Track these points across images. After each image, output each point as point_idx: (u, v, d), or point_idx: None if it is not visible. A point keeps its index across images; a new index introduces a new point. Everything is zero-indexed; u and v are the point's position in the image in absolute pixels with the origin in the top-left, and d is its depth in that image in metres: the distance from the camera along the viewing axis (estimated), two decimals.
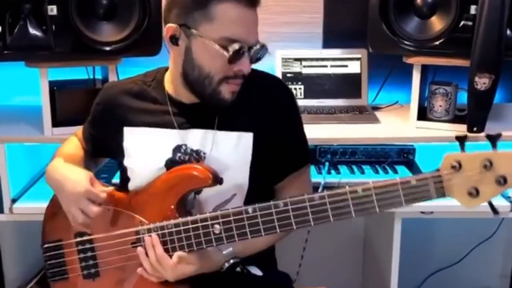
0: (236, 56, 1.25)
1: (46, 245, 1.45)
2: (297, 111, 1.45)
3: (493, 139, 1.07)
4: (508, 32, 1.81)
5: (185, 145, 1.37)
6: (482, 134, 1.88)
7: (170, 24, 1.29)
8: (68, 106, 1.90)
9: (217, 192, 1.33)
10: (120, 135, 1.42)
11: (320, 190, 1.76)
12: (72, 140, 1.56)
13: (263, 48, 1.30)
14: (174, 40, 1.29)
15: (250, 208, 1.23)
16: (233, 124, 1.36)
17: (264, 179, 1.39)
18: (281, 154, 1.39)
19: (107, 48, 1.86)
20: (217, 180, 1.29)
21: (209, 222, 1.26)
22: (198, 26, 1.26)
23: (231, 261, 1.33)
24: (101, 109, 1.47)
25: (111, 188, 1.37)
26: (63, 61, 1.88)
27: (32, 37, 1.81)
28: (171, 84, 1.40)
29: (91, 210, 1.29)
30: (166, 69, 1.43)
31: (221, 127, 1.36)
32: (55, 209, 1.42)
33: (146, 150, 1.39)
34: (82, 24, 1.82)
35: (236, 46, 1.24)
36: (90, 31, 1.84)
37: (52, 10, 1.78)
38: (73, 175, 1.34)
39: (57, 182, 1.36)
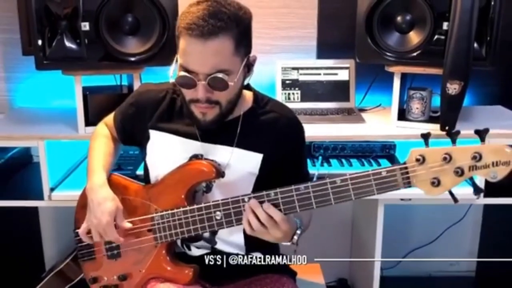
0: (181, 81, 1.26)
1: (77, 230, 1.46)
2: (303, 145, 1.45)
3: (452, 136, 1.06)
4: (475, 45, 1.83)
5: (202, 155, 1.38)
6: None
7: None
8: (98, 108, 1.90)
9: (225, 196, 1.32)
10: (146, 135, 1.43)
11: (314, 179, 1.77)
12: (103, 131, 1.56)
13: (218, 78, 1.23)
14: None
15: (246, 197, 1.25)
16: (249, 144, 1.37)
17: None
18: (284, 176, 1.36)
19: (132, 59, 1.88)
20: (219, 173, 1.32)
21: (212, 210, 1.29)
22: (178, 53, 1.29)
23: (298, 231, 1.28)
24: (134, 111, 1.47)
25: (129, 225, 1.38)
26: (95, 70, 1.90)
27: (68, 49, 1.83)
28: None
29: (98, 238, 1.37)
30: None
31: (239, 145, 1.36)
32: (85, 200, 1.44)
33: (167, 155, 1.40)
34: (111, 38, 1.85)
35: (181, 73, 1.25)
36: (117, 44, 1.87)
37: (85, 26, 1.81)
38: (103, 204, 1.36)
39: (90, 202, 1.39)
